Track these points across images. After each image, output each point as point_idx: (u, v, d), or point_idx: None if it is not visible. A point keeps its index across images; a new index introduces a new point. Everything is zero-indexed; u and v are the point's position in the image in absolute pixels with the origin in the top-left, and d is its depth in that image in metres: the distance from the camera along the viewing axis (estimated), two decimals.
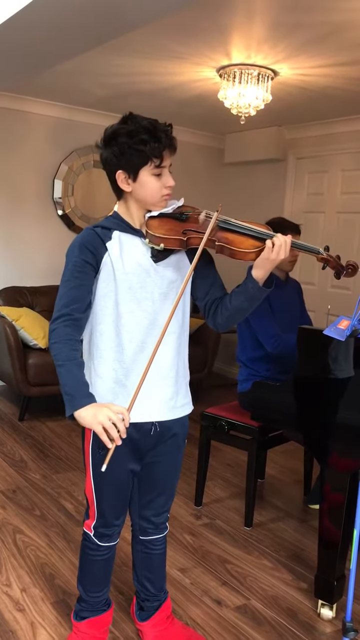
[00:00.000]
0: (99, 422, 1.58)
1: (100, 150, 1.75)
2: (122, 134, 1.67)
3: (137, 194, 1.74)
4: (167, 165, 1.72)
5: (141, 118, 1.70)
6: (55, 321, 1.71)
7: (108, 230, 1.76)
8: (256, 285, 1.74)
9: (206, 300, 1.87)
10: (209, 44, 3.35)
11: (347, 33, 3.05)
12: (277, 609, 2.37)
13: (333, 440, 2.30)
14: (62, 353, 1.67)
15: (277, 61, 3.58)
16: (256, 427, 2.93)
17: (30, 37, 2.76)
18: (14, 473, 3.51)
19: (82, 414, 1.61)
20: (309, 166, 5.44)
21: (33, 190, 5.26)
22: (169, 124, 1.72)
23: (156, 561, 2.07)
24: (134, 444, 1.84)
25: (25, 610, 2.26)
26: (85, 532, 1.96)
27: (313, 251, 1.89)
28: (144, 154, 1.67)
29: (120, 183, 1.73)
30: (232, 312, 1.80)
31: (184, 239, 1.74)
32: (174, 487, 2.02)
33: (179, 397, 1.88)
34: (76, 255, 1.73)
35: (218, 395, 5.30)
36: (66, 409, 1.64)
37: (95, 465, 1.85)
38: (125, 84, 4.32)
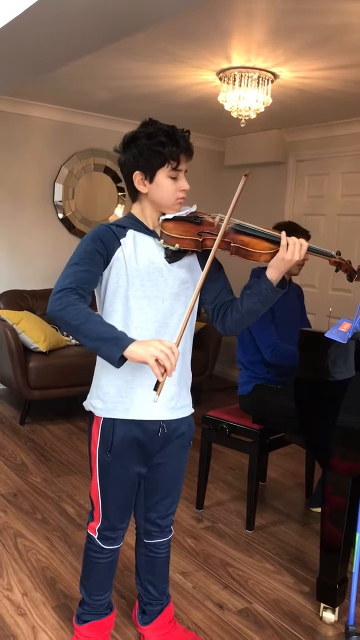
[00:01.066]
0: (152, 354, 1.55)
1: (119, 155, 1.79)
2: (141, 137, 1.72)
3: (152, 196, 1.77)
4: (183, 169, 1.76)
5: (160, 123, 1.75)
6: (59, 292, 1.65)
7: (123, 229, 1.79)
8: (270, 286, 1.75)
9: (215, 304, 1.88)
10: (209, 47, 3.35)
11: (346, 36, 3.06)
12: (279, 612, 2.36)
13: (335, 443, 2.30)
14: (80, 312, 1.61)
15: (277, 64, 3.58)
16: (257, 430, 2.93)
17: (30, 40, 2.76)
18: (15, 477, 3.50)
19: (132, 349, 1.56)
20: (309, 169, 5.44)
21: (34, 193, 5.26)
22: (186, 130, 1.76)
23: (160, 565, 2.07)
24: (141, 447, 1.84)
25: (27, 615, 2.25)
26: (89, 535, 1.96)
27: (327, 255, 1.92)
28: (161, 156, 1.71)
29: (137, 184, 1.76)
30: (243, 314, 1.81)
31: (200, 239, 1.77)
32: (180, 489, 2.02)
33: (180, 398, 1.88)
34: (88, 243, 1.74)
35: (219, 399, 5.30)
36: (114, 352, 1.58)
37: (101, 468, 1.85)
38: (125, 88, 4.33)
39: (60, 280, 1.69)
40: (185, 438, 1.94)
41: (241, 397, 3.10)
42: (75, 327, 1.61)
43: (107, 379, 1.83)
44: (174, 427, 1.88)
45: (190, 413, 1.95)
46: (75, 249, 1.76)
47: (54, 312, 1.64)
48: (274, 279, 1.75)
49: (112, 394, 1.81)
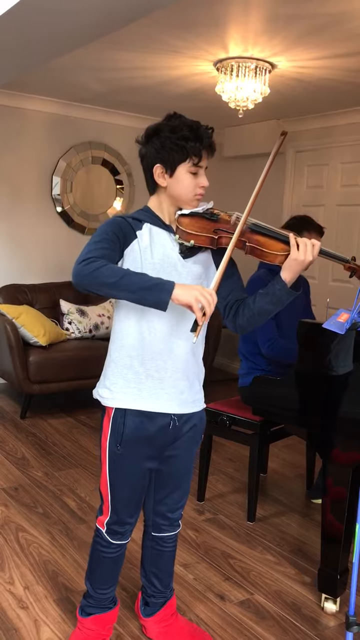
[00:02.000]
0: (196, 298, 1.58)
1: (140, 146, 1.78)
2: (165, 130, 1.72)
3: (171, 190, 1.76)
4: (204, 166, 1.76)
5: (185, 118, 1.75)
6: (84, 260, 1.62)
7: (139, 222, 1.78)
8: (284, 287, 1.75)
9: (228, 300, 1.87)
10: (205, 37, 3.33)
11: (344, 24, 3.03)
12: (280, 603, 2.37)
13: (335, 434, 2.29)
14: (114, 269, 1.61)
15: (274, 54, 3.55)
16: (258, 422, 2.93)
17: (25, 32, 2.74)
18: (16, 471, 3.50)
19: (177, 292, 1.59)
20: (308, 159, 5.42)
21: (32, 187, 5.24)
22: (210, 127, 1.76)
23: (166, 559, 2.08)
24: (152, 440, 1.84)
25: (29, 608, 2.26)
26: (98, 529, 1.96)
27: (342, 260, 1.91)
28: (184, 151, 1.70)
29: (157, 177, 1.76)
30: (254, 313, 1.80)
31: (215, 237, 1.77)
32: (189, 483, 2.02)
33: (191, 392, 1.88)
34: (107, 227, 1.74)
35: (219, 391, 5.30)
36: (162, 297, 1.59)
37: (111, 461, 1.86)
38: (122, 79, 4.30)
39: (83, 253, 1.66)
40: (196, 431, 1.94)
41: (241, 389, 3.10)
42: (113, 284, 1.59)
43: (116, 370, 1.83)
44: (185, 419, 1.88)
45: (201, 408, 1.95)
46: (94, 234, 1.74)
47: (85, 275, 1.61)
48: (287, 281, 1.75)
49: (120, 384, 1.82)
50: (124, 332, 1.81)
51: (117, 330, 1.83)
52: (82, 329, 4.86)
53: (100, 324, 4.94)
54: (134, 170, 5.73)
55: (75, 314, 4.89)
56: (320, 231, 3.03)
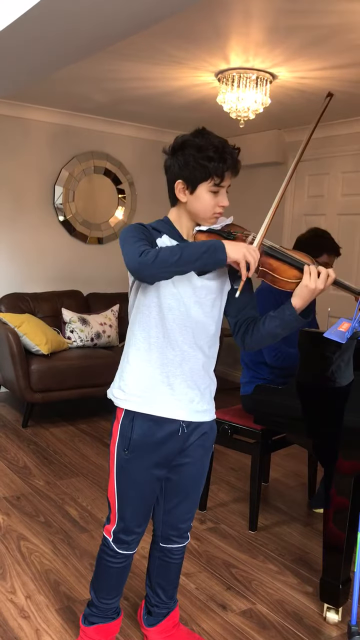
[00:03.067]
0: (244, 255, 1.64)
1: (166, 157, 1.80)
2: (191, 146, 1.72)
3: (190, 206, 1.77)
4: (225, 186, 1.76)
5: (213, 136, 1.75)
6: (140, 255, 1.64)
7: (158, 232, 1.81)
8: (294, 314, 1.75)
9: (238, 318, 1.88)
10: (207, 48, 3.36)
11: (344, 35, 3.06)
12: (282, 613, 2.36)
13: (337, 443, 2.29)
14: (170, 249, 1.65)
15: (275, 64, 3.58)
16: (259, 431, 2.93)
17: (28, 44, 2.77)
18: (18, 480, 3.50)
19: (229, 249, 1.64)
20: (309, 169, 5.44)
21: (34, 196, 5.27)
22: (237, 147, 1.77)
23: (172, 570, 2.07)
24: (160, 447, 1.84)
25: (30, 618, 2.25)
26: (105, 537, 1.96)
27: (354, 291, 1.91)
28: (206, 170, 1.71)
29: (178, 192, 1.77)
30: (263, 334, 1.81)
31: None
32: (199, 494, 2.01)
33: (202, 402, 1.88)
34: (135, 229, 1.75)
35: (221, 399, 5.27)
36: (219, 255, 1.64)
37: (118, 467, 1.86)
38: (124, 90, 4.33)
39: (134, 249, 1.67)
40: (206, 439, 1.93)
41: (243, 397, 3.10)
42: (176, 261, 1.63)
43: (131, 373, 1.84)
44: (193, 427, 1.88)
45: (211, 419, 1.94)
46: (125, 236, 1.74)
47: (150, 265, 1.63)
48: (298, 307, 1.75)
49: (133, 387, 1.83)
50: (141, 335, 1.82)
51: (136, 332, 1.84)
52: (84, 338, 4.87)
53: (102, 332, 4.95)
54: (135, 179, 5.76)
55: (77, 322, 4.90)
56: (338, 251, 3.05)
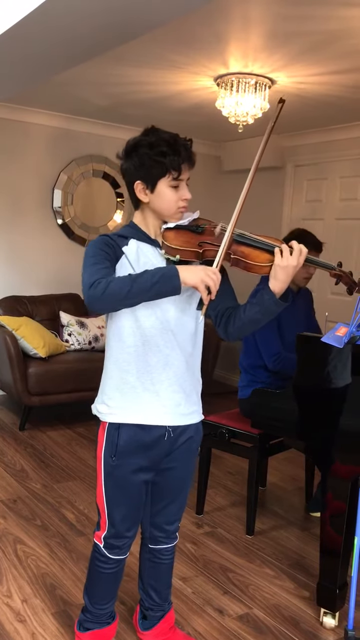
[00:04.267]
0: (202, 279, 1.61)
1: (120, 161, 1.79)
2: (143, 145, 1.72)
3: (154, 205, 1.77)
4: (184, 179, 1.76)
5: (162, 131, 1.74)
6: (92, 284, 1.62)
7: (124, 238, 1.79)
8: (272, 298, 1.74)
9: (218, 309, 1.87)
10: (206, 53, 3.37)
11: (342, 41, 3.07)
12: (279, 617, 2.36)
13: (334, 447, 2.30)
14: (121, 279, 1.62)
15: (274, 70, 3.60)
16: (257, 435, 2.93)
17: (28, 48, 2.78)
18: (15, 483, 3.50)
19: (184, 274, 1.61)
20: (307, 173, 5.45)
21: (33, 199, 5.28)
22: (189, 139, 1.76)
23: (163, 571, 2.07)
24: (147, 451, 1.83)
25: (26, 621, 2.25)
26: (96, 544, 1.95)
27: (327, 267, 1.91)
28: (163, 166, 1.70)
29: (138, 193, 1.76)
30: (245, 322, 1.80)
31: (200, 250, 1.76)
32: (186, 495, 2.02)
33: (188, 404, 1.88)
34: (98, 247, 1.74)
35: (218, 403, 5.28)
36: (173, 284, 1.61)
37: (106, 473, 1.85)
38: (123, 94, 4.34)
39: (86, 279, 1.66)
40: (192, 442, 1.93)
41: (241, 401, 3.10)
42: (127, 293, 1.61)
43: (112, 385, 1.83)
44: (180, 431, 1.87)
45: (199, 420, 1.94)
46: (86, 256, 1.74)
47: (100, 297, 1.61)
48: (276, 291, 1.73)
49: (117, 399, 1.82)
50: (118, 347, 1.81)
51: (112, 345, 1.83)
52: (82, 341, 4.87)
53: (100, 335, 4.95)
54: None
55: (75, 325, 4.90)
56: (319, 247, 3.04)
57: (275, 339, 2.93)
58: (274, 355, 2.92)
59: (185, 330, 1.82)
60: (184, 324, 1.81)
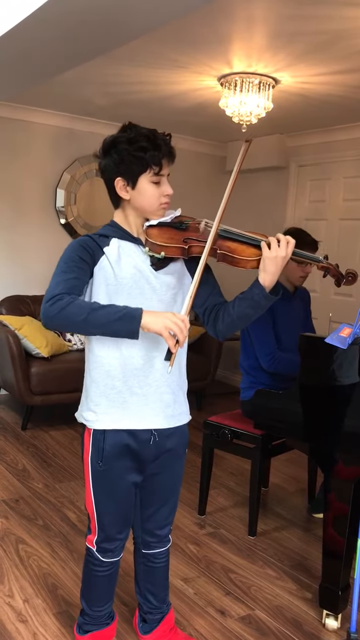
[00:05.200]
0: (166, 326, 1.56)
1: (99, 160, 1.75)
2: (122, 142, 1.68)
3: (135, 202, 1.74)
4: (165, 174, 1.73)
5: (141, 127, 1.71)
6: (51, 299, 1.60)
7: (106, 238, 1.76)
8: (262, 292, 1.71)
9: (206, 307, 1.84)
10: (209, 53, 3.36)
11: (346, 41, 3.06)
12: (281, 619, 2.35)
13: (337, 449, 2.29)
14: (82, 304, 1.59)
15: (277, 69, 3.59)
16: (259, 436, 2.92)
17: (31, 47, 2.78)
18: (17, 482, 3.49)
19: (147, 320, 1.57)
20: (310, 173, 5.45)
21: (36, 199, 5.28)
22: (167, 133, 1.73)
23: (159, 574, 2.05)
24: (134, 455, 1.82)
25: (28, 621, 2.24)
26: (88, 548, 1.94)
27: (314, 260, 1.90)
28: (143, 161, 1.67)
29: (119, 190, 1.73)
30: (234, 318, 1.77)
31: (186, 247, 1.74)
32: (177, 499, 2.00)
33: (176, 405, 1.85)
34: (73, 251, 1.71)
35: (221, 404, 5.29)
36: (132, 327, 1.57)
37: (94, 478, 1.83)
38: (126, 93, 4.34)
39: (51, 288, 1.65)
40: (179, 448, 1.91)
41: (243, 403, 3.09)
42: (82, 321, 1.58)
43: (98, 390, 1.79)
44: (166, 434, 1.85)
45: (187, 421, 1.92)
46: (60, 258, 1.72)
47: (53, 316, 1.59)
48: (266, 284, 1.70)
49: (104, 405, 1.78)
50: (102, 352, 1.77)
51: (94, 349, 1.78)
52: (84, 341, 4.86)
53: None
54: None
55: None
56: (314, 246, 3.02)
57: (269, 338, 2.92)
58: (268, 354, 2.91)
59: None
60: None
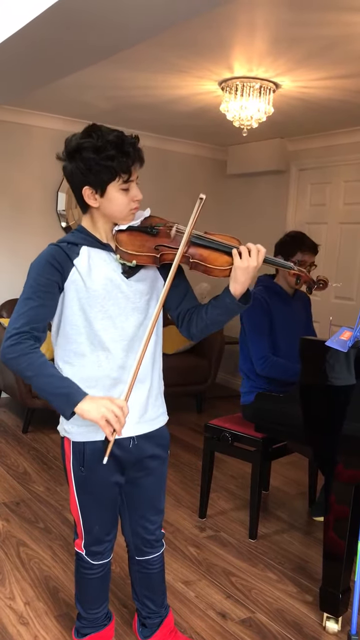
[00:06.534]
0: (103, 415, 1.54)
1: (63, 163, 1.69)
2: (87, 149, 1.60)
3: (104, 209, 1.69)
4: (135, 179, 1.67)
5: (107, 130, 1.63)
6: (12, 337, 1.61)
7: (75, 246, 1.70)
8: (233, 301, 1.69)
9: (179, 310, 1.82)
10: (210, 57, 3.38)
11: (345, 46, 3.08)
12: (282, 622, 2.35)
13: (338, 452, 2.29)
14: (34, 362, 1.59)
15: (278, 74, 3.60)
16: (260, 439, 2.92)
17: (33, 52, 2.79)
18: (18, 485, 3.50)
19: (83, 408, 1.55)
20: (311, 177, 5.46)
21: (37, 202, 5.29)
22: (135, 135, 1.66)
23: (155, 579, 2.04)
24: (116, 459, 1.80)
25: (29, 624, 2.25)
26: (77, 552, 1.93)
27: (285, 267, 1.88)
28: (112, 170, 1.61)
29: (87, 199, 1.67)
30: (207, 323, 1.76)
31: (157, 255, 1.70)
32: (163, 502, 1.99)
33: (154, 408, 1.85)
34: (40, 272, 1.66)
35: (221, 407, 5.29)
36: (65, 409, 1.56)
37: (78, 483, 1.82)
38: (127, 97, 4.35)
39: (14, 319, 1.63)
40: (160, 450, 1.90)
41: (244, 407, 3.10)
42: (28, 378, 1.60)
43: None
44: (145, 438, 1.83)
45: (165, 421, 1.91)
46: (27, 277, 1.69)
47: (6, 359, 1.61)
48: (236, 294, 1.68)
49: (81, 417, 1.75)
50: (80, 363, 1.74)
51: (72, 362, 1.76)
52: None
53: None
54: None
55: None
56: (316, 249, 3.04)
57: (263, 342, 2.92)
58: (261, 358, 2.90)
59: (145, 337, 1.75)
60: (145, 329, 1.74)
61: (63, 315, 1.73)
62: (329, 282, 2.06)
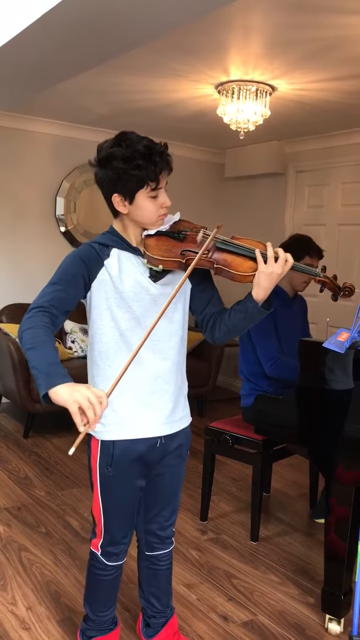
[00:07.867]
0: (76, 400, 1.43)
1: (94, 169, 1.74)
2: (117, 158, 1.65)
3: (133, 216, 1.73)
4: (163, 186, 1.72)
5: (136, 139, 1.67)
6: (32, 310, 1.63)
7: (106, 248, 1.75)
8: (256, 306, 1.72)
9: (204, 314, 1.86)
10: (207, 61, 3.39)
11: (341, 48, 3.09)
12: (284, 624, 2.35)
13: (338, 454, 2.30)
14: (39, 337, 1.57)
15: (274, 77, 3.62)
16: (261, 441, 2.93)
17: (31, 56, 2.80)
18: (19, 490, 3.50)
19: (58, 390, 1.45)
20: (309, 179, 5.47)
21: (35, 207, 5.30)
22: (164, 143, 1.70)
23: (162, 577, 2.06)
24: (142, 459, 1.84)
25: (31, 629, 2.25)
26: (93, 552, 1.95)
27: (311, 274, 1.90)
28: (140, 179, 1.65)
29: (117, 205, 1.72)
30: (230, 327, 1.79)
31: (183, 260, 1.72)
32: (178, 500, 2.02)
33: (178, 410, 1.88)
34: (70, 264, 1.72)
35: (222, 409, 5.29)
36: (40, 387, 1.49)
37: (103, 483, 1.84)
38: (125, 102, 4.37)
39: (37, 298, 1.67)
40: (182, 449, 1.94)
41: (244, 410, 3.10)
42: (25, 350, 1.58)
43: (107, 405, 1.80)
44: (171, 436, 1.87)
45: (188, 423, 1.95)
46: (58, 267, 1.74)
47: (20, 329, 1.62)
48: (259, 298, 1.71)
49: (111, 416, 1.79)
50: (106, 364, 1.77)
51: (99, 362, 1.79)
52: (85, 348, 4.87)
53: None
54: None
55: (79, 332, 4.91)
56: (321, 254, 3.06)
57: (272, 344, 2.93)
58: (271, 359, 2.91)
59: (172, 338, 1.81)
60: (171, 333, 1.80)
61: (91, 315, 1.78)
62: (355, 289, 2.02)
